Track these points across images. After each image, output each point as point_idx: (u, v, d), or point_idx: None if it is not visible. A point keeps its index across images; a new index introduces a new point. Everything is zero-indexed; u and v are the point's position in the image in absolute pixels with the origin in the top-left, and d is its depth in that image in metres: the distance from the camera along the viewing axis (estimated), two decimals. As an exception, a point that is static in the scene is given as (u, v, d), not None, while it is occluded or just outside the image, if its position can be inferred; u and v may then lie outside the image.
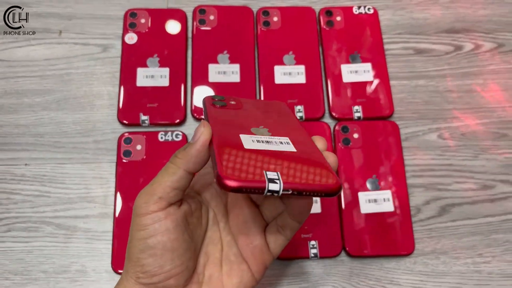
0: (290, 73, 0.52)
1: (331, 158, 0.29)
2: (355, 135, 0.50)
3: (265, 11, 0.55)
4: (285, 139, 0.29)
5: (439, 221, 0.48)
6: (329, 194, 0.25)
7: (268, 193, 0.24)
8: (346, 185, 0.48)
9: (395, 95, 0.53)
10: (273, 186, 0.24)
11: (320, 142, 0.30)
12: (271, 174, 0.24)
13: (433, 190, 0.50)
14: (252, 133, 0.29)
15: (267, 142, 0.28)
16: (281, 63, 0.53)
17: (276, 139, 0.29)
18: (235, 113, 0.33)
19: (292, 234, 0.32)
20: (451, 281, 0.46)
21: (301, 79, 0.52)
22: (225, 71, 0.52)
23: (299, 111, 0.51)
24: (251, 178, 0.24)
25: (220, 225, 0.33)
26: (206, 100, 0.35)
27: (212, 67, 0.52)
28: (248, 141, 0.28)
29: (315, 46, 0.54)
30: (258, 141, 0.28)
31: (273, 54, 0.53)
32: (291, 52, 0.53)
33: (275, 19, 0.55)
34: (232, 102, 0.35)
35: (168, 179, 0.28)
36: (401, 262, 0.47)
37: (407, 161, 0.50)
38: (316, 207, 0.47)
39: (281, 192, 0.24)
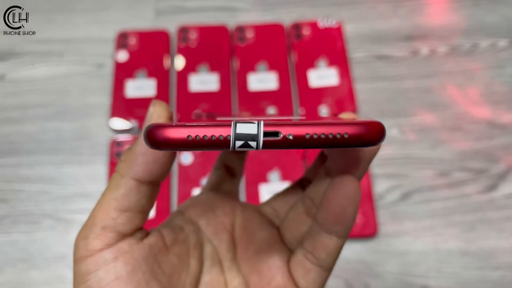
0: (262, 80, 0.59)
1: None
2: (322, 132, 0.56)
3: (240, 28, 0.62)
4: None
5: (400, 205, 0.53)
6: (371, 141, 0.15)
7: (241, 147, 0.14)
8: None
9: (359, 96, 0.59)
10: (244, 128, 0.14)
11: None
12: (243, 119, 0.15)
13: (395, 179, 0.55)
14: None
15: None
16: (255, 71, 0.60)
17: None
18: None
19: (331, 261, 0.21)
20: (412, 258, 0.51)
21: (273, 85, 0.59)
22: (205, 80, 0.59)
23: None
24: (206, 125, 0.14)
25: (225, 264, 0.22)
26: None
27: (193, 78, 0.59)
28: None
29: (284, 56, 0.61)
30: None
31: (248, 64, 0.60)
32: (264, 62, 0.60)
33: (249, 35, 0.62)
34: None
35: (110, 197, 0.19)
36: (366, 243, 0.52)
37: (370, 153, 0.56)
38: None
39: (261, 143, 0.14)
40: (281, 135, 0.14)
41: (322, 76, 0.59)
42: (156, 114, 0.19)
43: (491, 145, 0.56)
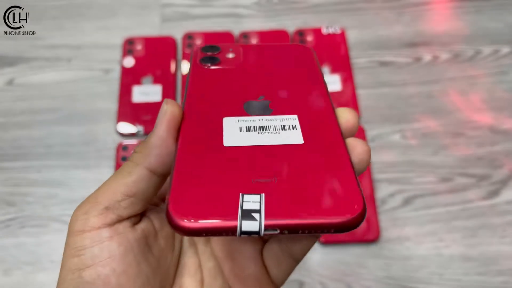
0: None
1: (358, 149, 0.20)
2: (325, 137, 0.57)
3: (245, 35, 0.63)
4: (291, 119, 0.21)
5: (402, 211, 0.54)
6: (342, 229, 0.17)
7: (243, 235, 0.16)
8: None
9: (362, 102, 0.60)
10: (249, 225, 0.16)
11: (346, 114, 0.21)
12: (250, 201, 0.17)
13: (397, 184, 0.55)
14: (244, 112, 0.21)
15: (262, 128, 0.20)
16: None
17: (278, 119, 0.21)
18: (229, 75, 0.24)
19: (304, 253, 0.22)
20: (414, 263, 0.51)
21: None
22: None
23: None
24: (216, 213, 0.16)
25: (199, 247, 0.24)
26: (194, 55, 0.26)
27: (198, 84, 0.60)
28: (233, 130, 0.20)
29: (289, 62, 0.62)
30: (248, 128, 0.20)
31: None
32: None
33: (253, 41, 0.63)
34: (230, 56, 0.25)
35: (120, 181, 0.20)
36: (368, 248, 0.52)
37: (373, 158, 0.56)
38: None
39: (262, 232, 0.16)
40: (278, 231, 0.16)
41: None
42: (169, 112, 0.21)
43: (493, 151, 0.57)
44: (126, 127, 0.57)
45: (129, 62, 0.61)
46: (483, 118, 0.58)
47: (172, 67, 0.61)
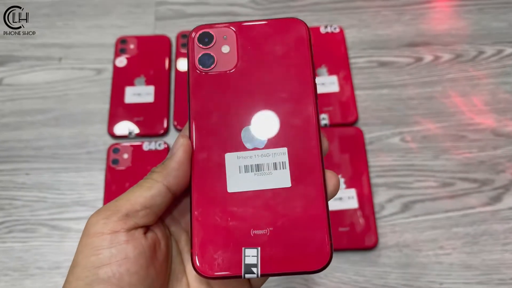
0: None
1: (333, 180, 0.25)
2: (322, 140, 0.55)
3: (241, 34, 0.62)
4: (281, 154, 0.25)
5: (401, 216, 0.52)
6: (315, 272, 0.23)
7: (246, 277, 0.23)
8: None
9: (360, 104, 0.58)
10: (250, 276, 0.23)
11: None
12: (250, 256, 0.23)
13: (396, 189, 0.53)
14: (243, 146, 0.25)
15: (257, 167, 0.25)
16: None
17: (271, 155, 0.25)
18: (227, 85, 0.26)
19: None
20: (413, 271, 0.49)
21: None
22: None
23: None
24: (227, 266, 0.23)
25: (184, 256, 0.27)
26: (189, 55, 0.27)
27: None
28: (234, 172, 0.24)
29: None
30: (246, 167, 0.25)
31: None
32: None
33: (250, 40, 0.61)
34: (225, 50, 0.27)
35: (140, 194, 0.23)
36: (366, 255, 0.50)
37: (371, 162, 0.55)
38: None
39: (259, 277, 0.23)
40: (268, 277, 0.24)
41: (322, 83, 0.58)
42: (186, 144, 0.25)
43: (496, 154, 0.55)
44: (118, 129, 0.56)
45: (122, 61, 0.59)
46: (486, 121, 0.57)
47: (166, 66, 0.59)
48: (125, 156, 0.54)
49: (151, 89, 0.58)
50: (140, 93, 0.58)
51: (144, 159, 0.54)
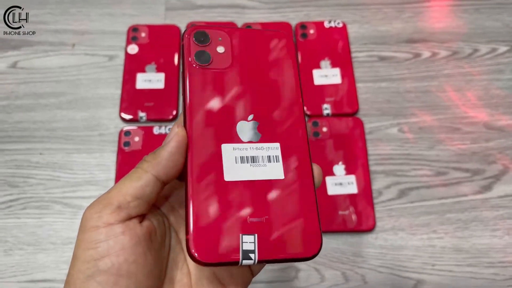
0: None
1: (317, 172, 0.27)
2: (324, 129, 0.58)
3: (248, 26, 0.64)
4: (274, 148, 0.26)
5: (398, 202, 0.55)
6: (307, 259, 0.24)
7: (243, 265, 0.24)
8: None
9: (361, 95, 0.61)
10: (247, 262, 0.23)
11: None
12: (247, 242, 0.23)
13: (393, 176, 0.56)
14: (238, 138, 0.26)
15: (253, 159, 0.26)
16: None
17: (265, 148, 0.26)
18: (222, 81, 0.27)
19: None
20: (408, 253, 0.52)
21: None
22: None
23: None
24: (225, 252, 0.23)
25: (183, 244, 0.27)
26: (186, 45, 0.28)
27: (201, 73, 0.61)
28: (230, 161, 0.25)
29: (290, 54, 0.63)
30: (242, 158, 0.26)
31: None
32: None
33: (257, 32, 0.64)
34: (220, 50, 0.28)
35: (130, 185, 0.24)
36: (363, 237, 0.53)
37: (370, 151, 0.57)
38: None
39: (256, 263, 0.24)
40: (265, 263, 0.24)
41: (325, 75, 0.61)
42: (180, 134, 0.25)
43: (488, 146, 0.58)
44: (129, 113, 0.58)
45: (133, 49, 0.62)
46: (479, 115, 0.60)
47: (176, 55, 0.62)
48: (136, 139, 0.56)
49: (161, 76, 0.60)
50: (151, 79, 0.60)
51: (154, 142, 0.56)
